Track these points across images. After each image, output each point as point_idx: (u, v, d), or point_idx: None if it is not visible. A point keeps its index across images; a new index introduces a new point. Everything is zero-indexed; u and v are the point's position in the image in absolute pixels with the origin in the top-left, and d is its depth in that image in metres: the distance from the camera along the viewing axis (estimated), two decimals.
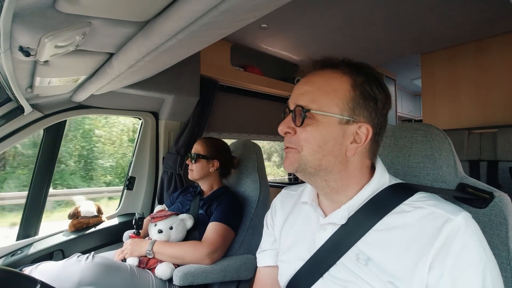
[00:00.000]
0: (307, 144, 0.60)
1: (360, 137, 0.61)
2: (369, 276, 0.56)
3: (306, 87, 0.63)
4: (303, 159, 0.61)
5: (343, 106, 0.59)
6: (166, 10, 0.76)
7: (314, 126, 0.60)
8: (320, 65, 0.64)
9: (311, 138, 0.60)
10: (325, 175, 0.62)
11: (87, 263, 1.14)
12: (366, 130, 0.60)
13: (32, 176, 1.66)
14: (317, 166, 0.61)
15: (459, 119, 2.59)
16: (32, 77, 1.14)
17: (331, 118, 0.59)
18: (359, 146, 0.61)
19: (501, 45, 2.37)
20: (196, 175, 1.53)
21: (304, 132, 0.60)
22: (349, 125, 0.60)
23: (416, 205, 0.58)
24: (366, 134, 0.60)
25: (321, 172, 0.61)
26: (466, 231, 0.52)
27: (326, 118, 0.59)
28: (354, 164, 0.62)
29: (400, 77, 3.97)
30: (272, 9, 0.76)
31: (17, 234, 1.62)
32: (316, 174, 0.62)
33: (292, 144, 0.63)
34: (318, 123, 0.60)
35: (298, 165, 0.62)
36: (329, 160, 0.60)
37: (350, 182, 0.63)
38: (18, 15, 0.64)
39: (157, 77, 1.68)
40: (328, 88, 0.61)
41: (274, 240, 0.81)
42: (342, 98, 0.60)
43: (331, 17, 1.96)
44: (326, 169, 0.61)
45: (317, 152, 0.60)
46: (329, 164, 0.60)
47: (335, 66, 0.63)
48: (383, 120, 0.63)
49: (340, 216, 0.62)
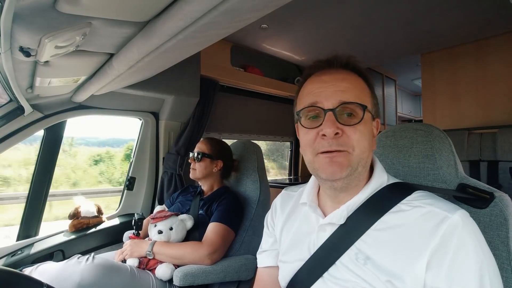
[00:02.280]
0: (359, 144, 0.58)
1: (374, 132, 0.65)
2: (368, 275, 0.56)
3: (345, 84, 0.60)
4: (355, 160, 0.59)
5: (372, 103, 0.64)
6: (166, 11, 0.76)
7: (363, 124, 0.60)
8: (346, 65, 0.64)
9: (363, 137, 0.59)
10: (360, 173, 0.62)
11: (87, 264, 1.14)
12: (377, 124, 0.66)
13: (32, 176, 1.66)
14: (365, 164, 0.62)
15: (459, 119, 2.59)
16: (33, 77, 1.14)
17: (369, 114, 0.62)
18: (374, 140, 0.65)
19: (501, 45, 2.37)
20: (199, 174, 1.53)
21: (357, 131, 0.58)
22: (373, 121, 0.65)
23: (413, 204, 0.59)
24: (377, 128, 0.67)
25: (363, 169, 0.62)
26: (463, 229, 0.52)
27: (368, 115, 0.61)
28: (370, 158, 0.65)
29: (400, 77, 3.97)
30: (272, 10, 0.76)
31: (17, 234, 1.62)
32: (359, 173, 0.61)
33: (342, 146, 0.58)
34: (364, 120, 0.60)
35: (351, 168, 0.58)
36: (369, 156, 0.63)
37: (362, 178, 0.65)
38: (18, 15, 0.64)
39: (157, 78, 1.68)
40: (361, 87, 0.63)
41: (274, 240, 0.81)
42: (370, 95, 0.64)
43: (331, 17, 1.97)
44: (365, 166, 0.63)
45: (367, 149, 0.61)
46: (368, 160, 0.63)
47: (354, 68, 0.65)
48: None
49: (339, 216, 0.63)
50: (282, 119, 3.03)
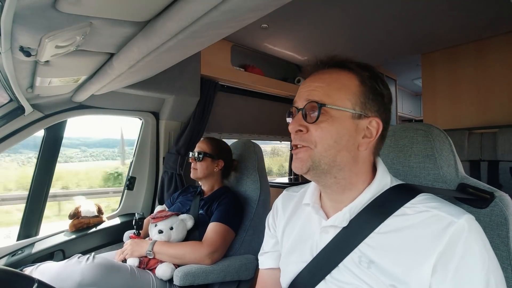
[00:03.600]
0: (321, 140, 0.60)
1: (370, 132, 0.62)
2: (372, 279, 0.56)
3: (316, 83, 0.63)
4: (317, 156, 0.60)
5: (355, 100, 0.60)
6: (166, 10, 0.76)
7: (329, 122, 0.59)
8: (326, 64, 0.65)
9: (326, 134, 0.59)
10: (337, 172, 0.61)
11: (88, 264, 1.14)
12: (376, 124, 0.62)
13: (33, 176, 1.66)
14: (332, 162, 0.60)
15: (460, 119, 2.59)
16: (33, 77, 1.14)
17: (344, 112, 0.60)
18: (371, 141, 0.62)
19: (502, 45, 2.37)
20: (200, 174, 1.53)
21: (319, 128, 0.60)
22: (361, 119, 0.61)
23: (418, 207, 0.58)
24: (377, 128, 0.62)
25: (334, 168, 0.61)
26: (469, 234, 0.52)
27: (340, 113, 0.60)
28: (362, 160, 0.63)
29: (401, 77, 3.97)
30: (273, 9, 0.76)
31: (18, 234, 1.63)
32: (328, 172, 0.61)
33: (304, 142, 0.61)
34: (332, 118, 0.60)
35: (311, 163, 0.61)
36: (343, 155, 0.60)
37: (358, 180, 0.63)
38: (18, 15, 0.64)
39: (158, 77, 1.68)
40: (339, 84, 0.61)
41: (276, 242, 0.80)
42: (353, 92, 0.61)
43: (332, 17, 1.97)
44: (339, 165, 0.61)
45: (332, 147, 0.60)
46: (343, 160, 0.60)
47: (342, 65, 0.64)
48: (389, 115, 0.65)
49: (342, 218, 0.62)
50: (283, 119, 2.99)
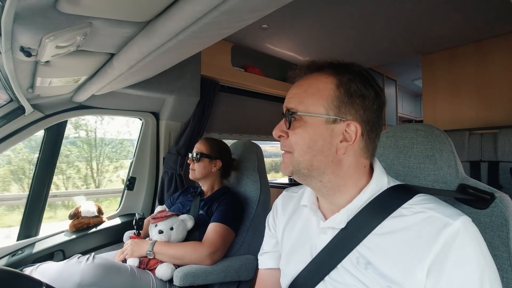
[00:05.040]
0: (297, 146, 0.62)
1: (350, 135, 0.61)
2: (369, 280, 0.56)
3: (294, 90, 0.65)
4: (295, 161, 0.63)
5: (328, 105, 0.60)
6: (166, 11, 0.76)
7: (302, 128, 0.61)
8: (308, 70, 0.66)
9: (300, 139, 0.62)
10: (319, 175, 0.62)
11: (88, 264, 1.14)
12: (354, 128, 0.60)
13: (33, 176, 1.66)
14: (309, 167, 0.62)
15: (460, 120, 2.59)
16: (33, 77, 1.14)
17: (317, 118, 0.61)
18: (350, 145, 0.61)
19: (502, 45, 2.37)
20: (198, 175, 1.53)
21: (294, 134, 0.62)
22: (337, 124, 0.60)
23: (415, 208, 0.58)
24: (355, 132, 0.60)
25: (314, 172, 0.62)
26: (464, 236, 0.52)
27: (312, 118, 0.61)
28: (347, 163, 0.62)
29: (401, 77, 3.97)
30: (273, 10, 0.76)
31: (18, 234, 1.63)
32: (310, 175, 0.63)
33: (285, 147, 0.64)
34: (305, 124, 0.61)
35: (292, 167, 0.63)
36: (320, 159, 0.61)
37: (346, 182, 0.63)
38: (19, 15, 0.64)
39: (158, 78, 1.69)
40: (313, 90, 0.62)
41: (276, 242, 0.81)
42: (326, 97, 0.61)
43: (332, 17, 1.97)
44: (319, 169, 0.62)
45: (306, 152, 0.61)
46: (321, 164, 0.61)
47: (321, 69, 0.64)
48: (375, 116, 0.62)
49: (339, 220, 0.62)
50: None
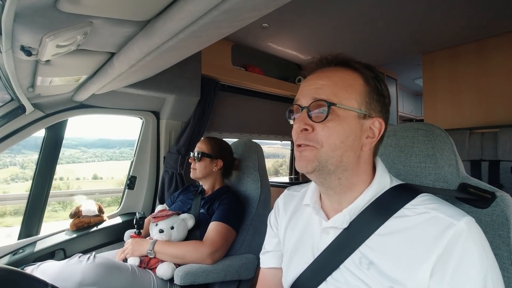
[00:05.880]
0: (328, 140, 0.59)
1: (373, 132, 0.62)
2: (372, 280, 0.56)
3: (322, 81, 0.61)
4: (323, 156, 0.59)
5: (361, 100, 0.60)
6: (167, 10, 0.76)
7: (336, 121, 0.58)
8: (331, 62, 0.64)
9: (333, 134, 0.58)
10: (341, 172, 0.61)
11: (88, 263, 1.14)
12: (379, 124, 0.61)
13: (34, 176, 1.66)
14: (338, 163, 0.59)
15: (461, 119, 2.58)
16: (34, 76, 1.14)
17: (351, 112, 0.59)
18: (373, 141, 0.62)
19: (503, 44, 2.36)
20: (199, 174, 1.53)
21: (326, 127, 0.59)
22: (366, 119, 0.61)
23: (418, 209, 0.58)
24: (379, 129, 0.61)
25: (339, 169, 0.60)
26: (468, 237, 0.51)
27: (346, 112, 0.59)
28: (364, 160, 0.63)
29: (401, 77, 3.96)
30: (273, 9, 0.76)
31: (19, 233, 1.63)
32: (333, 172, 0.61)
33: (309, 141, 0.60)
34: (339, 117, 0.59)
35: (318, 163, 0.59)
36: (349, 155, 0.60)
37: (359, 180, 0.63)
38: (19, 14, 0.64)
39: (158, 77, 1.68)
40: (345, 83, 0.61)
41: (278, 241, 0.80)
42: (359, 92, 0.60)
43: (332, 17, 1.96)
44: (345, 166, 0.60)
45: (339, 147, 0.59)
46: (349, 160, 0.60)
47: (346, 64, 0.63)
48: (388, 116, 0.65)
49: (342, 220, 0.62)
50: (283, 119, 3.00)
